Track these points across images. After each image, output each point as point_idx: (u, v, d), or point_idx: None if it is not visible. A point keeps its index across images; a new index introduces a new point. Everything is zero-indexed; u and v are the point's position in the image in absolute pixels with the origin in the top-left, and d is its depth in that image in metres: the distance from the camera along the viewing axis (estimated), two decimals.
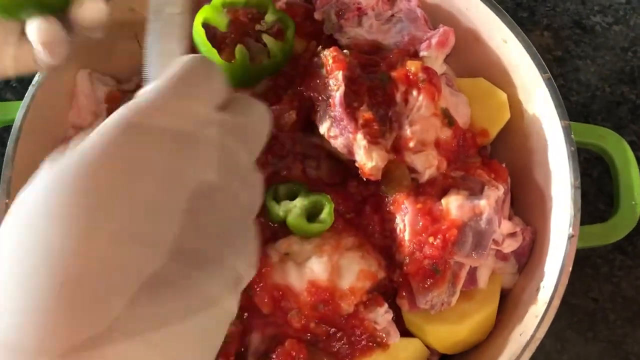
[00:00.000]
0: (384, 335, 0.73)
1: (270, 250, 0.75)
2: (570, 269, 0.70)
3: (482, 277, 0.78)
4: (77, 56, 0.81)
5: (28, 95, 0.77)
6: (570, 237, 0.70)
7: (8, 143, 0.76)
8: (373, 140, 0.75)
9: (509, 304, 0.79)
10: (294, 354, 0.71)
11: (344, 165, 0.83)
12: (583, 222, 0.73)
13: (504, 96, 0.82)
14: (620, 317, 0.94)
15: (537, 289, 0.73)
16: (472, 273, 0.77)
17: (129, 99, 0.40)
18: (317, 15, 0.87)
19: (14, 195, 0.74)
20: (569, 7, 1.11)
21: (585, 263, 0.96)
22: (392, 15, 0.86)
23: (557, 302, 0.69)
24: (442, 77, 0.82)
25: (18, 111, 0.77)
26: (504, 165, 0.80)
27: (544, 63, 0.77)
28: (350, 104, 0.76)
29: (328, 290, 0.71)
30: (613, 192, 0.84)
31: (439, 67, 0.84)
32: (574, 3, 1.11)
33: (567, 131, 0.73)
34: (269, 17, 0.82)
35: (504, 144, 0.86)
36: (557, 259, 0.71)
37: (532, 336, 0.68)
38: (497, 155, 0.85)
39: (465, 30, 0.84)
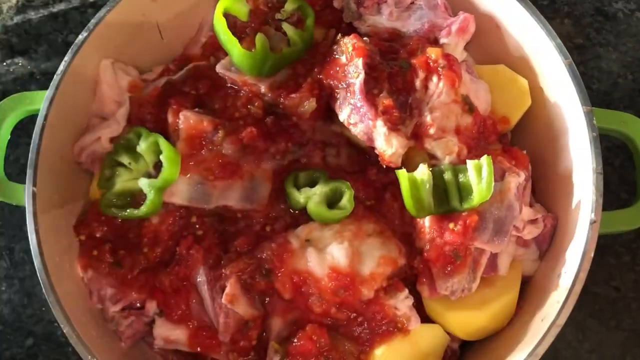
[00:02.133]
0: (404, 320, 0.73)
1: (291, 237, 0.76)
2: (592, 255, 0.70)
3: (503, 264, 0.77)
4: (100, 46, 0.83)
5: (53, 85, 0.79)
6: (592, 222, 0.69)
7: (34, 132, 0.77)
8: (393, 127, 0.75)
9: (529, 291, 0.79)
10: (315, 338, 0.71)
11: (364, 153, 0.83)
12: (605, 210, 0.72)
13: (524, 83, 0.82)
14: None
15: (559, 275, 0.72)
16: (493, 259, 0.77)
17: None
18: (336, 4, 0.87)
19: (39, 181, 0.76)
20: None
21: (606, 251, 0.95)
22: (412, 3, 0.85)
23: (578, 288, 0.68)
24: (462, 64, 0.82)
25: (43, 101, 0.78)
26: (524, 152, 0.80)
27: (565, 49, 0.77)
28: (370, 91, 0.76)
29: (349, 275, 0.72)
30: (635, 179, 0.83)
31: (459, 54, 0.83)
32: None
33: (589, 117, 0.73)
34: (289, 6, 0.83)
35: (524, 132, 0.85)
36: (579, 245, 0.70)
37: (554, 322, 0.67)
38: (518, 143, 0.85)
39: (485, 17, 0.84)
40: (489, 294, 0.76)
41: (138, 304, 0.77)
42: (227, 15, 0.81)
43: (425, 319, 0.77)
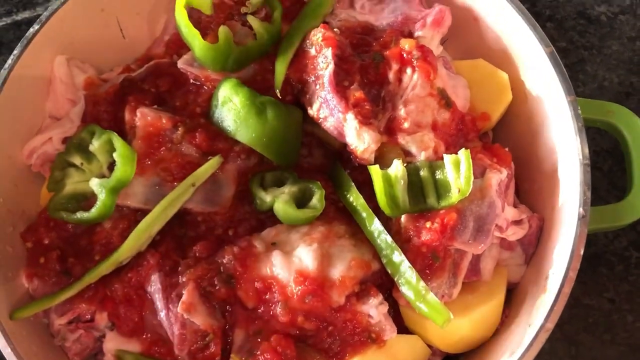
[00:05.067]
0: (378, 330, 0.67)
1: (256, 240, 0.70)
2: (582, 252, 0.64)
3: (487, 268, 0.71)
4: (54, 40, 0.78)
5: None
6: (581, 217, 0.64)
7: None
8: (364, 120, 0.70)
9: (516, 298, 0.73)
10: (280, 350, 0.65)
11: (337, 153, 0.78)
12: (595, 217, 0.68)
13: (505, 77, 0.77)
14: (639, 318, 0.87)
15: (546, 278, 0.66)
16: (475, 263, 0.71)
17: None
18: None
19: None
20: None
21: (598, 262, 0.90)
22: None
23: (567, 289, 0.62)
24: (439, 59, 0.77)
25: None
26: (506, 149, 0.75)
27: (546, 37, 0.72)
28: (341, 83, 0.71)
29: (317, 280, 0.65)
30: (624, 178, 0.78)
31: (435, 48, 0.79)
32: None
33: (573, 106, 0.68)
34: None
35: (506, 130, 0.81)
36: (567, 242, 0.65)
37: (542, 326, 0.61)
38: (500, 142, 0.79)
39: (462, 9, 0.80)
40: (472, 301, 0.70)
41: (87, 316, 0.70)
42: (191, 11, 0.77)
43: (404, 330, 0.70)
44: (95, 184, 0.70)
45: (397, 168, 0.68)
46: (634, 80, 1.00)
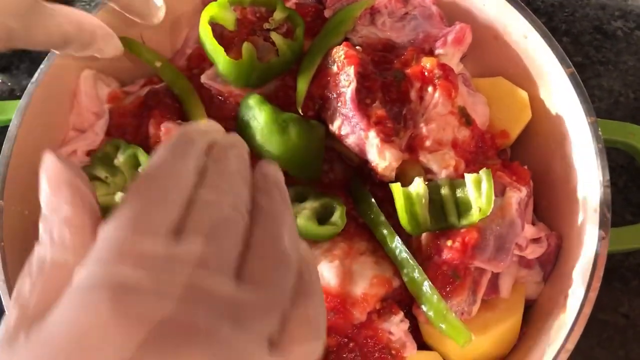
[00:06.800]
0: (399, 346, 0.67)
1: None
2: (602, 274, 0.65)
3: (505, 286, 0.72)
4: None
5: (27, 94, 0.74)
6: (602, 238, 0.65)
7: (4, 144, 0.73)
8: (386, 138, 0.71)
9: (534, 315, 0.74)
10: None
11: (357, 168, 0.79)
12: (614, 238, 0.68)
13: (524, 95, 0.78)
14: None
15: (566, 297, 0.67)
16: (494, 281, 0.72)
17: None
18: (327, 14, 0.84)
19: (8, 195, 0.71)
20: (588, 13, 1.07)
21: (613, 276, 0.90)
22: (406, 13, 0.82)
23: (588, 310, 0.63)
24: (459, 77, 0.78)
25: (15, 110, 0.74)
26: (525, 167, 0.75)
27: (567, 57, 0.73)
28: (363, 101, 0.72)
29: (339, 297, 0.66)
30: None
31: (455, 65, 0.80)
32: (594, 8, 1.07)
33: (594, 127, 0.69)
34: (278, 15, 0.79)
35: (524, 147, 0.81)
36: (587, 263, 0.65)
37: (562, 347, 0.62)
38: (517, 159, 0.80)
39: (482, 27, 0.81)
40: (491, 318, 0.70)
41: None
42: (214, 25, 0.78)
43: (422, 345, 0.71)
44: (121, 197, 0.71)
45: (418, 186, 0.69)
46: None
